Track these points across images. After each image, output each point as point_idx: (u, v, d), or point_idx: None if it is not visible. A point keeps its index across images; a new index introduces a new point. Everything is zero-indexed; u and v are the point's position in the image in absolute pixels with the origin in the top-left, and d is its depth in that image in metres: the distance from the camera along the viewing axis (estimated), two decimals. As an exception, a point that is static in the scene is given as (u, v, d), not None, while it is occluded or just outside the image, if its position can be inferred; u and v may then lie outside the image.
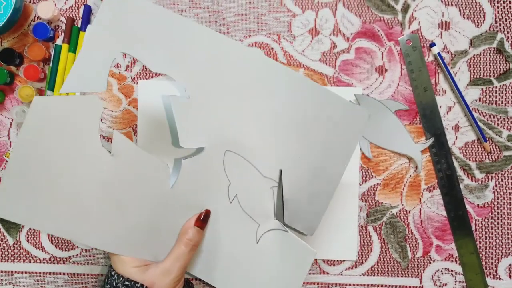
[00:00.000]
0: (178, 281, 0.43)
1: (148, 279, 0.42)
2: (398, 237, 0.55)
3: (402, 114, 0.55)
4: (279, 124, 0.45)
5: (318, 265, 0.55)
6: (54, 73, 0.54)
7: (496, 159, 0.55)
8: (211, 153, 0.45)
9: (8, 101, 0.55)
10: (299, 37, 0.55)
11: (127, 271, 0.42)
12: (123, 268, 0.42)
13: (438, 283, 0.55)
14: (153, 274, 0.42)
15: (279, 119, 0.45)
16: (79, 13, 0.55)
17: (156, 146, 0.55)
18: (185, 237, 0.43)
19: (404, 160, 0.55)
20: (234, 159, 0.46)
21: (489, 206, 0.55)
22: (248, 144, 0.45)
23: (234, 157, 0.45)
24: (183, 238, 0.43)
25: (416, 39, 0.55)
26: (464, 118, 0.55)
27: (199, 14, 0.55)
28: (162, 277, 0.42)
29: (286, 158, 0.46)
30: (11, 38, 0.55)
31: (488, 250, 0.55)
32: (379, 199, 0.55)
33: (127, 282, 0.41)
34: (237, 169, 0.45)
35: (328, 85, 0.55)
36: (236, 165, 0.45)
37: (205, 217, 0.44)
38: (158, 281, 0.42)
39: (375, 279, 0.55)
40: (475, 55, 0.55)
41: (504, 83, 0.55)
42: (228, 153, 0.45)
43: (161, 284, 0.42)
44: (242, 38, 0.55)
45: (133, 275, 0.42)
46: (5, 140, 0.55)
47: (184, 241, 0.43)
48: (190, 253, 0.43)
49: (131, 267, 0.42)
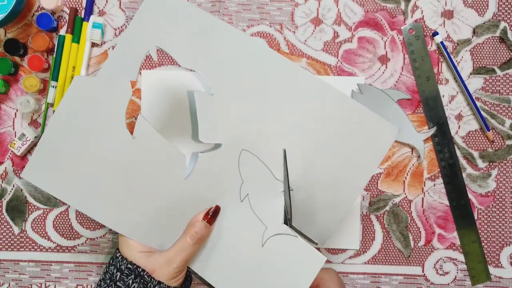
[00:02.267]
0: (179, 272, 0.43)
1: (150, 266, 0.42)
2: (401, 226, 0.55)
3: (405, 104, 0.55)
4: (301, 129, 0.45)
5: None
6: (58, 63, 0.54)
7: (499, 148, 0.55)
8: (228, 151, 0.45)
9: (12, 91, 0.55)
10: (302, 27, 0.55)
11: (132, 255, 0.43)
12: (129, 251, 0.43)
13: (440, 272, 0.55)
14: (156, 262, 0.43)
15: (301, 124, 0.45)
16: (82, 3, 0.55)
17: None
18: (192, 230, 0.43)
19: (406, 149, 0.55)
20: (250, 158, 0.46)
21: (491, 195, 0.55)
22: (265, 146, 0.46)
23: (250, 156, 0.46)
24: (190, 230, 0.44)
25: (419, 28, 0.55)
26: (467, 107, 0.55)
27: (202, 4, 0.55)
28: (164, 265, 0.43)
29: (304, 164, 0.46)
30: (15, 29, 0.55)
31: (490, 239, 0.55)
32: (381, 188, 0.55)
33: (130, 265, 0.42)
34: (251, 169, 0.46)
35: (330, 74, 0.55)
36: (250, 165, 0.46)
37: (215, 213, 0.45)
38: (159, 269, 0.42)
39: (378, 268, 0.55)
40: (478, 44, 0.55)
41: (507, 72, 0.55)
42: (244, 152, 0.46)
43: (162, 273, 0.42)
44: (244, 27, 0.55)
45: (137, 260, 0.42)
46: (10, 130, 0.55)
47: (190, 234, 0.43)
48: (195, 246, 0.44)
49: (136, 252, 0.43)
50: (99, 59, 0.56)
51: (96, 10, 0.55)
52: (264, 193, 0.46)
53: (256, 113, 0.45)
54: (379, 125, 0.45)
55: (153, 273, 0.42)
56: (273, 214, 0.45)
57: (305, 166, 0.46)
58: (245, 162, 0.46)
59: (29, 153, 0.56)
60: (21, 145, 0.53)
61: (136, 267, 0.42)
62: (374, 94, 0.54)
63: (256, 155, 0.46)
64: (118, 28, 0.55)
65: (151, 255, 0.43)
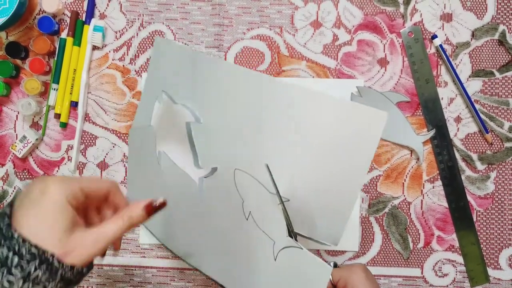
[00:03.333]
0: (100, 254, 0.37)
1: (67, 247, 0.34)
2: (400, 228, 0.55)
3: (404, 106, 0.55)
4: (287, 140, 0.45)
5: (320, 256, 0.56)
6: (59, 66, 0.55)
7: (498, 151, 0.55)
8: (224, 172, 0.47)
9: (14, 94, 0.56)
10: (301, 30, 0.56)
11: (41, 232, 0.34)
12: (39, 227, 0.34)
13: (439, 274, 0.55)
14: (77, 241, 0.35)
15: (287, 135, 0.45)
16: (83, 6, 0.56)
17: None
18: (130, 213, 0.38)
19: (405, 152, 0.55)
20: (243, 177, 0.46)
21: (490, 197, 0.55)
22: (256, 162, 0.46)
23: (243, 175, 0.46)
24: (127, 213, 0.38)
25: (418, 31, 0.55)
26: (465, 109, 0.55)
27: (202, 8, 0.56)
28: (88, 245, 0.36)
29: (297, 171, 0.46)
30: (17, 32, 0.55)
31: (489, 241, 0.55)
32: (381, 190, 0.55)
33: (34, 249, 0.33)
34: (247, 187, 0.46)
35: (330, 77, 0.55)
36: (245, 183, 0.46)
37: (158, 208, 0.39)
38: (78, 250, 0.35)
39: (377, 270, 0.55)
40: (477, 46, 0.55)
41: (505, 74, 0.55)
42: (237, 171, 0.46)
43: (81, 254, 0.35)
44: (244, 31, 0.56)
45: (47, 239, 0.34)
46: (11, 133, 0.56)
47: (127, 216, 0.38)
48: (125, 231, 0.38)
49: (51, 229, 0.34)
50: (100, 62, 0.56)
51: (97, 13, 0.56)
52: (264, 209, 0.46)
53: (243, 133, 0.46)
54: (367, 114, 0.42)
55: (67, 255, 0.34)
56: (277, 227, 0.46)
57: (298, 173, 0.45)
58: (241, 181, 0.47)
59: (30, 155, 0.56)
60: (23, 147, 0.54)
61: (42, 252, 0.33)
62: (373, 96, 0.54)
63: (249, 173, 0.46)
64: (119, 31, 0.56)
65: (71, 233, 0.35)
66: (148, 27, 0.56)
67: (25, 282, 0.32)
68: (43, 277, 0.33)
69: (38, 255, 0.33)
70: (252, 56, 0.56)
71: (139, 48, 0.56)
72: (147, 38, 0.56)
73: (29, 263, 0.32)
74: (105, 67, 0.56)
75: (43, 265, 0.33)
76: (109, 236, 0.37)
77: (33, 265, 0.33)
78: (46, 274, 0.33)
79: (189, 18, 0.56)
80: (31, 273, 0.32)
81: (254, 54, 0.56)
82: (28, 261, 0.32)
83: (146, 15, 0.56)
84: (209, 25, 0.56)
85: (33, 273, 0.32)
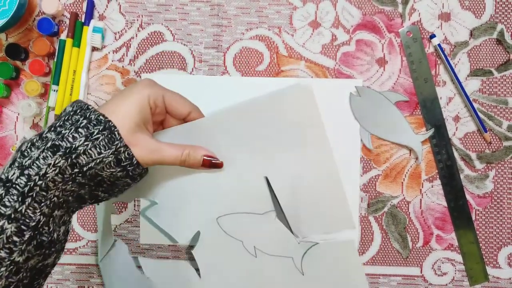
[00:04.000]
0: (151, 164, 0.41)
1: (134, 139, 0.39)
2: (399, 227, 0.56)
3: (403, 106, 0.55)
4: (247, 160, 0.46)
5: (319, 255, 0.56)
6: (58, 67, 0.55)
7: (496, 150, 0.55)
8: (209, 231, 0.47)
9: (14, 95, 0.56)
10: (300, 30, 0.56)
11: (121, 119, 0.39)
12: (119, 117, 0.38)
13: (438, 272, 0.56)
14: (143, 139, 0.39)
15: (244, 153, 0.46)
16: (82, 8, 0.56)
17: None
18: (190, 151, 0.42)
19: (404, 151, 0.55)
20: (228, 220, 0.47)
21: (489, 196, 0.55)
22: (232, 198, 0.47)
23: (227, 218, 0.47)
24: (189, 150, 0.42)
25: (417, 30, 0.55)
26: (464, 109, 0.55)
27: (200, 8, 0.56)
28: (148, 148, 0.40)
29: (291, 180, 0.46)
30: (16, 34, 0.56)
31: (488, 240, 0.55)
32: (379, 189, 0.56)
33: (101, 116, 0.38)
34: (237, 227, 0.47)
35: (329, 77, 0.55)
36: (234, 225, 0.47)
37: (214, 165, 0.44)
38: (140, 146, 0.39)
39: (376, 269, 0.56)
40: (475, 46, 0.55)
41: (504, 73, 0.55)
42: (220, 219, 0.47)
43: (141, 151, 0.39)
44: (243, 31, 0.56)
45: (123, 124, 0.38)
46: (11, 134, 0.56)
47: (186, 153, 0.42)
48: (178, 162, 0.42)
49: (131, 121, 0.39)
50: (100, 63, 0.56)
51: (97, 14, 0.56)
52: (264, 234, 0.46)
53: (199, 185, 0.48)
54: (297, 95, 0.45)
55: (129, 144, 0.38)
56: (285, 240, 0.46)
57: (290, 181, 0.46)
58: (228, 226, 0.47)
59: (31, 156, 0.56)
60: (23, 148, 0.54)
61: (108, 121, 0.37)
62: (372, 96, 0.55)
63: (229, 212, 0.47)
64: (118, 32, 0.56)
65: (139, 130, 0.39)
66: (147, 28, 0.56)
67: (86, 140, 0.36)
68: (102, 141, 0.37)
69: (103, 121, 0.37)
70: (251, 56, 0.56)
71: (138, 49, 0.56)
72: (147, 39, 0.56)
73: (94, 127, 0.37)
74: (104, 68, 0.56)
75: (105, 131, 0.37)
76: (165, 157, 0.41)
77: (97, 128, 0.37)
78: (105, 140, 0.37)
79: (188, 19, 0.56)
80: (93, 135, 0.36)
81: (253, 54, 0.56)
82: (94, 125, 0.37)
83: (145, 16, 0.56)
84: (208, 26, 0.56)
85: (95, 135, 0.36)
